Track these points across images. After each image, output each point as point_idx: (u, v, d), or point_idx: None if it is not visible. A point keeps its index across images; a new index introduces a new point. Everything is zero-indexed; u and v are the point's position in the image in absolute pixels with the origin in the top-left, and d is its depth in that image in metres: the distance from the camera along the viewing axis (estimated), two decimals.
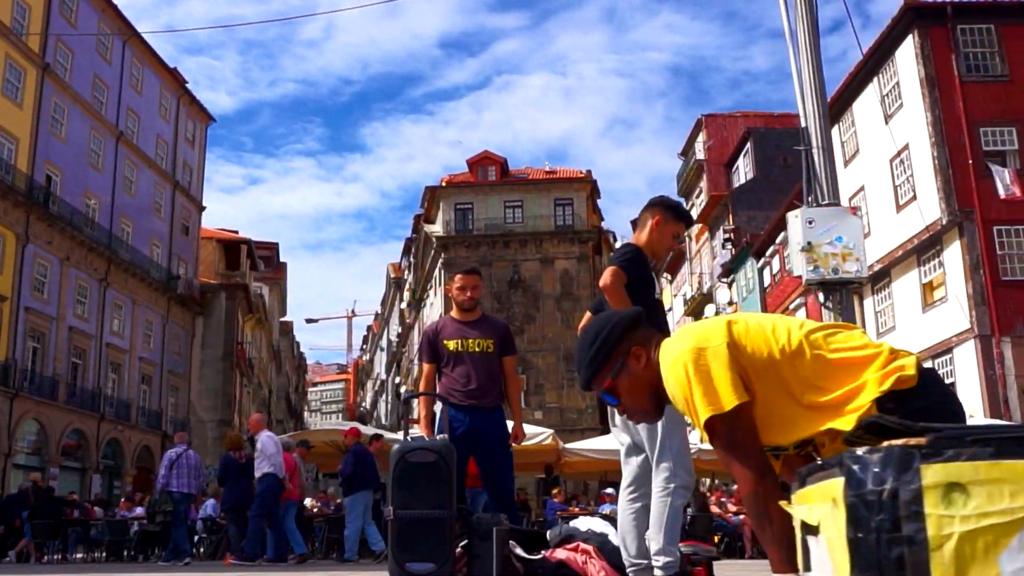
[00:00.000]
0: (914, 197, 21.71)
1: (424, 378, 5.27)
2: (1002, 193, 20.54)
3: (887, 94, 23.14)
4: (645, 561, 3.75)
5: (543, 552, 4.43)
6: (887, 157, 23.03)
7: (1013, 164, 20.90)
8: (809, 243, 8.92)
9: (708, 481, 21.35)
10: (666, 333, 4.27)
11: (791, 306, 30.77)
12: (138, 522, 17.95)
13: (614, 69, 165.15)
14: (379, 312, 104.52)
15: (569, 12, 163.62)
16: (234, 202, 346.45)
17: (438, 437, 4.54)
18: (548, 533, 4.60)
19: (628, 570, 3.86)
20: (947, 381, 15.34)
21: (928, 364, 3.44)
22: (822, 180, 9.33)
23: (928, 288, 22.10)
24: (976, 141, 20.84)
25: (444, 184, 51.88)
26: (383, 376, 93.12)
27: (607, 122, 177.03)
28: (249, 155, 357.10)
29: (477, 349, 5.18)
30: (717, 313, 42.27)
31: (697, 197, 47.17)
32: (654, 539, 3.64)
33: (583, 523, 4.55)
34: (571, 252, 49.76)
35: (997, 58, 21.37)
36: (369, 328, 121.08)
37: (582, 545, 4.25)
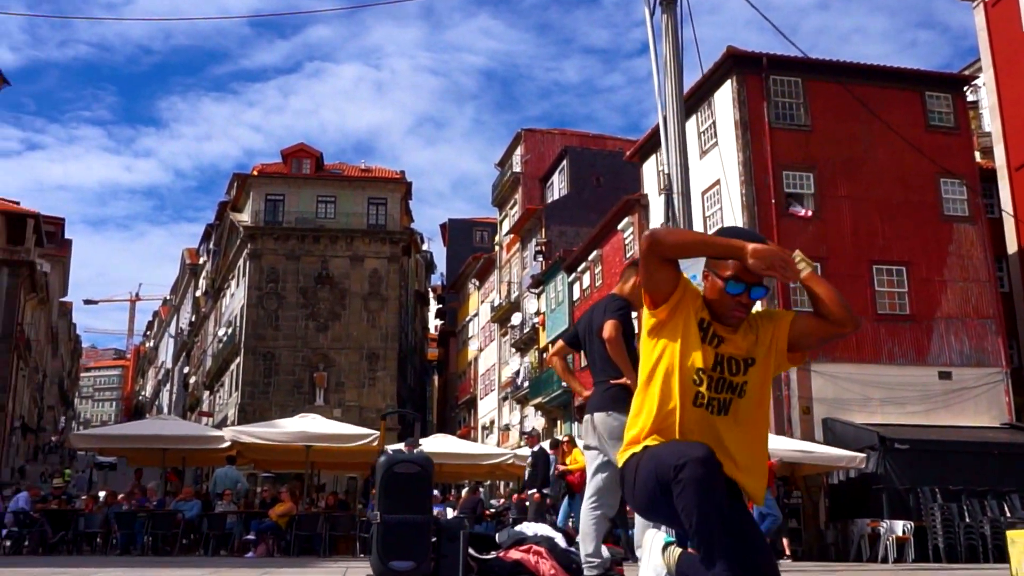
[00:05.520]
0: None
1: None
2: (800, 212, 22.82)
3: (703, 131, 24.98)
4: (597, 559, 4.50)
5: (494, 552, 4.94)
6: (699, 190, 24.83)
7: (808, 206, 23.19)
8: None
9: None
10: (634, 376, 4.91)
11: None
12: None
13: (428, 67, 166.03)
14: (168, 298, 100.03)
15: (387, 4, 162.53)
16: (7, 167, 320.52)
17: None
18: (497, 536, 5.12)
19: (584, 565, 4.55)
20: None
21: None
22: (681, 223, 10.41)
23: None
24: (779, 183, 22.94)
25: (255, 173, 50.76)
26: (168, 365, 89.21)
27: (417, 119, 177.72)
28: (30, 118, 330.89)
29: None
30: (523, 322, 43.71)
31: (511, 208, 48.56)
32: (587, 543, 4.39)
33: (529, 528, 5.10)
34: (382, 252, 49.93)
35: (802, 109, 23.61)
36: (156, 314, 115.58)
37: (534, 547, 4.80)
